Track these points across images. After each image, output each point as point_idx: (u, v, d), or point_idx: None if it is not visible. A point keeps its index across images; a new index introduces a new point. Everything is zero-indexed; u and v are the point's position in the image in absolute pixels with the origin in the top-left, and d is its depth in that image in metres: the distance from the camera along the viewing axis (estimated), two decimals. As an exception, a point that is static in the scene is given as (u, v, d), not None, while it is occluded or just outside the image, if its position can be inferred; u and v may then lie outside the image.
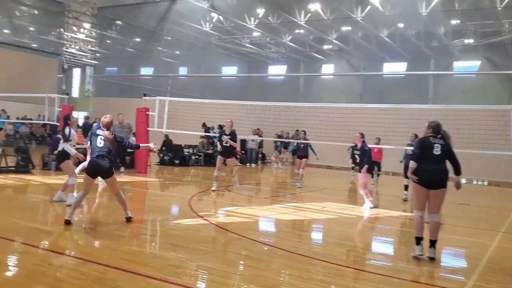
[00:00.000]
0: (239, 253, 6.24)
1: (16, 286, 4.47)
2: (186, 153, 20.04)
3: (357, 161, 10.66)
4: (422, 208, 6.41)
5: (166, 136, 19.39)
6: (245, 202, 11.14)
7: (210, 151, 20.53)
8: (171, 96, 16.74)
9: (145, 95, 16.34)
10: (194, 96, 24.06)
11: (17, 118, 24.73)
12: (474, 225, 9.65)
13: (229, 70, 35.64)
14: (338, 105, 20.33)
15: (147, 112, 15.72)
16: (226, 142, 11.71)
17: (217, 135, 14.51)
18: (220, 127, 22.24)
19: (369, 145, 11.28)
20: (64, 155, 8.78)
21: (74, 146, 9.08)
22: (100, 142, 7.35)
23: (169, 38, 30.86)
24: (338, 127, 16.36)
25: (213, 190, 11.87)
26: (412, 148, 12.03)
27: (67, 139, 8.76)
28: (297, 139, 22.13)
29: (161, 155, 19.44)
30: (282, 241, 7.14)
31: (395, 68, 30.03)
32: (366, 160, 10.39)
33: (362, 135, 10.69)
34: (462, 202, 11.98)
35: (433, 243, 6.25)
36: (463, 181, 14.11)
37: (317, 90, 30.73)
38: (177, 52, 33.20)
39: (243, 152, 23.13)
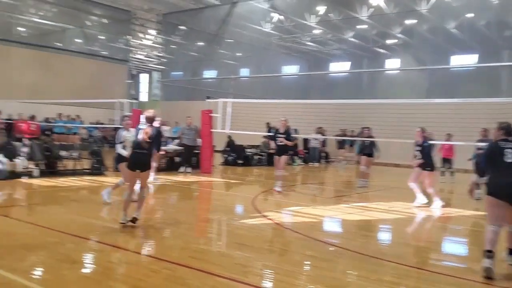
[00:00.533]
0: (304, 253, 6.23)
1: (93, 282, 4.72)
2: (249, 153, 20.25)
3: (417, 158, 10.12)
4: (501, 223, 5.34)
5: (229, 136, 19.71)
6: (310, 201, 11.09)
7: (272, 151, 20.61)
8: (234, 97, 17.01)
9: (208, 97, 16.71)
10: (256, 97, 24.30)
11: (90, 123, 26.11)
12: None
13: (290, 69, 35.59)
14: (403, 101, 19.72)
15: (210, 114, 16.06)
16: (281, 141, 11.50)
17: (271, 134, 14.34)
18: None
19: (439, 142, 10.87)
20: (120, 158, 8.83)
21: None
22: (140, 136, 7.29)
23: (230, 40, 31.36)
24: (404, 124, 15.87)
25: (277, 191, 11.63)
26: (482, 144, 11.52)
27: (118, 142, 8.86)
28: (363, 137, 21.78)
29: (225, 155, 19.80)
30: (349, 242, 7.05)
31: (464, 61, 28.65)
32: (425, 157, 9.91)
33: (423, 130, 10.21)
34: None
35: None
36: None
37: (382, 86, 29.95)
38: (239, 54, 33.65)
39: (305, 151, 23.02)
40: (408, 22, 25.97)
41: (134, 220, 7.07)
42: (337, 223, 8.83)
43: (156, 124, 11.38)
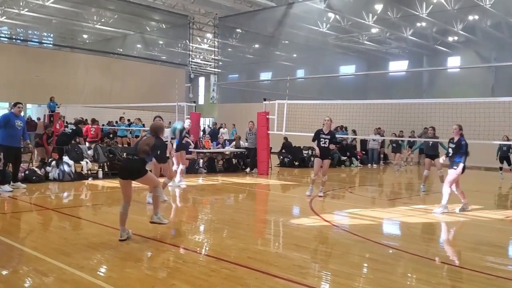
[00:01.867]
0: (363, 256, 6.17)
1: (156, 281, 4.91)
2: (305, 155, 20.20)
3: (450, 155, 9.55)
4: None
5: (285, 138, 19.76)
6: (368, 204, 10.92)
7: (334, 149, 20.44)
8: (290, 99, 17.02)
9: (264, 99, 16.85)
10: (312, 98, 24.21)
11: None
12: None
13: (347, 69, 35.15)
14: (465, 100, 18.96)
15: (267, 116, 16.19)
16: (325, 143, 10.84)
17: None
18: (345, 128, 22.04)
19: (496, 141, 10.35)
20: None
21: None
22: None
23: (286, 42, 31.42)
24: (467, 123, 15.26)
25: (308, 195, 10.96)
26: None
27: None
28: (427, 138, 21.07)
29: (281, 157, 19.88)
30: (409, 244, 6.90)
31: (532, 56, 27.12)
32: (461, 156, 9.44)
33: (460, 127, 9.66)
34: None
35: None
36: None
37: (443, 84, 28.92)
38: (294, 55, 33.64)
39: (363, 152, 22.67)
40: (470, 18, 24.93)
41: (154, 222, 6.78)
42: (397, 225, 8.65)
43: (186, 124, 11.74)
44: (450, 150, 9.63)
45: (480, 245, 7.05)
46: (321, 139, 10.87)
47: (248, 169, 16.58)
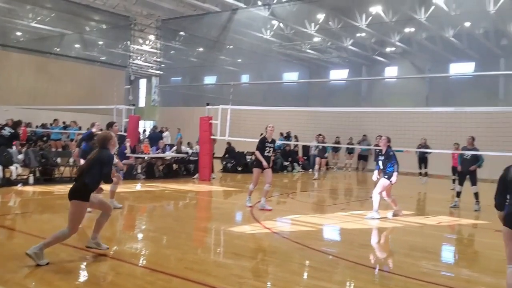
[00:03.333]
0: (302, 263, 6.19)
1: (88, 293, 4.67)
2: (249, 160, 20.20)
3: (381, 168, 9.88)
4: None
5: (229, 143, 19.69)
6: (308, 210, 11.02)
7: (272, 158, 20.56)
8: (234, 104, 17.00)
9: (207, 104, 16.70)
10: (256, 103, 24.28)
11: (88, 129, 26.02)
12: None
13: (291, 76, 35.65)
14: (402, 109, 19.74)
15: (210, 121, 16.04)
16: (269, 152, 10.34)
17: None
18: (281, 134, 22.29)
19: (449, 151, 10.85)
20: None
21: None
22: None
23: (231, 47, 31.39)
24: (402, 132, 15.88)
25: (249, 207, 10.34)
26: (469, 152, 11.53)
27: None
28: (367, 145, 21.81)
29: (224, 162, 19.76)
30: (346, 251, 7.01)
31: (462, 68, 28.74)
32: (392, 165, 9.70)
33: (389, 139, 10.02)
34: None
35: None
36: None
37: (380, 93, 29.99)
38: (239, 60, 33.68)
39: (305, 158, 23.00)
40: (407, 30, 26.01)
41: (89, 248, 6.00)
42: (335, 231, 8.78)
43: (94, 129, 10.47)
44: (380, 164, 9.92)
45: (413, 251, 7.27)
46: (266, 148, 10.39)
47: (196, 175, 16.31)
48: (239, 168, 19.44)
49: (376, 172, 10.08)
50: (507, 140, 13.68)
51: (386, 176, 9.72)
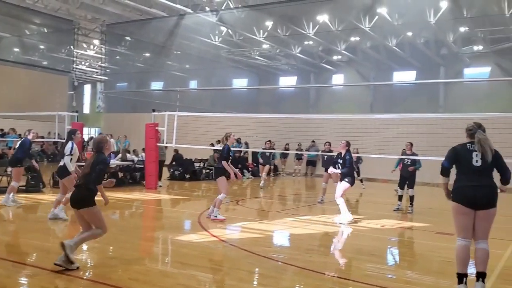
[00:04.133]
0: (250, 271, 6.13)
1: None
2: (197, 167, 20.00)
3: (339, 169, 10.20)
4: (468, 235, 5.10)
5: (176, 150, 19.39)
6: (257, 216, 11.01)
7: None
8: (182, 110, 16.80)
9: (153, 110, 16.37)
10: (205, 109, 24.15)
11: (20, 136, 24.88)
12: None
13: (240, 83, 35.73)
14: (347, 116, 20.24)
15: (156, 128, 15.72)
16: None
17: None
18: (236, 141, 22.22)
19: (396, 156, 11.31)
20: (66, 170, 8.80)
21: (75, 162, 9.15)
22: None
23: (178, 52, 31.07)
24: (349, 138, 16.23)
25: (220, 219, 9.59)
26: (406, 157, 12.01)
27: (67, 154, 8.81)
28: (315, 151, 22.11)
29: (172, 169, 19.43)
30: (294, 257, 7.02)
31: (405, 76, 29.83)
32: (346, 169, 10.05)
33: (348, 143, 10.36)
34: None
35: (481, 276, 4.99)
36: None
37: (328, 100, 30.63)
38: (187, 66, 33.40)
39: (254, 164, 23.02)
40: (352, 39, 26.75)
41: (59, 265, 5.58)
42: (283, 237, 8.81)
43: (30, 136, 10.66)
44: (339, 165, 10.25)
45: (359, 255, 7.39)
46: (230, 157, 10.00)
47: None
48: (187, 176, 19.18)
49: (331, 169, 10.62)
50: (446, 145, 14.27)
51: (346, 180, 9.95)
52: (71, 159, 8.82)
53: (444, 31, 23.39)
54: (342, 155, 10.26)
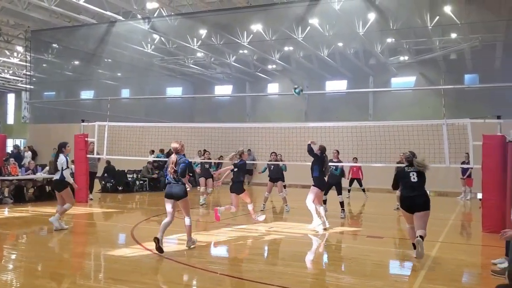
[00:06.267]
0: (186, 284, 5.97)
1: None
2: (130, 179, 19.39)
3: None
4: (411, 223, 7.37)
5: (108, 162, 18.70)
6: (193, 228, 10.71)
7: (155, 176, 19.96)
8: (114, 120, 16.21)
9: (83, 120, 15.71)
10: (138, 119, 23.53)
11: None
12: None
13: (174, 91, 35.24)
14: (282, 124, 20.49)
15: (86, 139, 15.07)
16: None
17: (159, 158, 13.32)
18: (162, 151, 21.84)
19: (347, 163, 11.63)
20: (62, 183, 9.60)
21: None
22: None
23: (109, 60, 30.14)
24: (284, 146, 16.41)
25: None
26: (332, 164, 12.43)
27: (62, 167, 9.52)
28: (251, 159, 22.06)
29: (103, 182, 18.70)
30: (231, 267, 6.95)
31: (336, 85, 30.78)
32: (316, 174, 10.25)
33: (320, 149, 10.56)
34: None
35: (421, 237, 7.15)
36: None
37: (264, 109, 30.94)
38: (119, 74, 32.48)
39: (190, 174, 22.64)
40: (286, 48, 27.21)
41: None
42: (218, 248, 8.67)
43: None
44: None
45: (294, 261, 7.42)
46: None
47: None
48: (120, 188, 18.55)
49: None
50: (376, 151, 14.81)
51: (314, 184, 10.14)
52: (70, 172, 9.80)
53: (372, 42, 24.36)
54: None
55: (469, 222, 12.88)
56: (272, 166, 13.66)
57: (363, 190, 17.75)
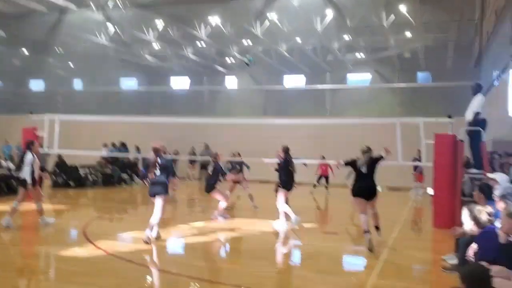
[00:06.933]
0: (140, 285, 5.79)
1: None
2: (82, 174, 18.76)
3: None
4: (364, 212, 7.97)
5: (59, 156, 18.01)
6: (146, 225, 10.41)
7: (108, 171, 19.40)
8: (66, 112, 15.62)
9: (31, 112, 14.96)
10: (91, 111, 22.82)
11: None
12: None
13: (129, 83, 34.47)
14: (240, 120, 20.40)
15: (35, 132, 14.41)
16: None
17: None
18: (123, 145, 21.30)
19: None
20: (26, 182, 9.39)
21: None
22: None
23: (61, 50, 29.04)
24: (242, 142, 16.37)
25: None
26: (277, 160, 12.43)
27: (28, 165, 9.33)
28: (207, 154, 21.66)
29: (54, 177, 17.99)
30: (185, 267, 6.80)
31: (295, 81, 31.02)
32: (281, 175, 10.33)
33: (283, 149, 10.53)
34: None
35: (377, 228, 8.41)
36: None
37: (222, 103, 30.76)
38: (71, 65, 31.40)
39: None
40: (245, 43, 27.10)
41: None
42: (174, 247, 8.49)
43: None
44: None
45: (252, 259, 7.37)
46: None
47: None
48: (72, 183, 17.91)
49: None
50: (333, 146, 15.02)
51: (281, 186, 10.20)
52: (33, 170, 9.38)
53: (330, 39, 24.63)
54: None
55: (421, 218, 13.23)
56: (237, 165, 13.22)
57: (326, 187, 17.79)
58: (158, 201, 8.25)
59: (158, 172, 8.18)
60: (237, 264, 7.29)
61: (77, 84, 33.53)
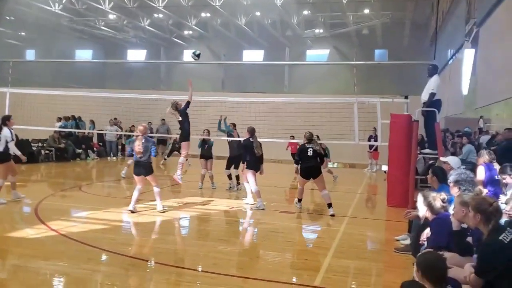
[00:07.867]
0: (93, 269, 5.71)
1: None
2: (35, 149, 18.16)
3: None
4: (302, 186, 9.80)
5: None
6: (102, 204, 10.22)
7: (62, 145, 18.83)
8: (17, 83, 14.93)
9: (-22, 85, 14.29)
10: (45, 84, 21.97)
11: None
12: (324, 211, 9.67)
13: (84, 54, 33.28)
14: (199, 97, 20.06)
15: (-17, 105, 13.78)
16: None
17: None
18: (78, 118, 20.69)
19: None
20: (4, 156, 9.47)
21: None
22: None
23: (12, 18, 27.59)
24: (202, 118, 16.12)
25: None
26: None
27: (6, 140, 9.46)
28: (166, 129, 21.24)
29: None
30: (142, 249, 6.78)
31: (254, 55, 30.82)
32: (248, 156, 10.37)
33: (249, 130, 10.42)
34: (312, 187, 11.57)
35: (329, 205, 9.36)
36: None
37: (179, 76, 30.22)
38: (23, 34, 29.95)
39: (100, 144, 21.71)
40: (203, 15, 26.59)
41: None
42: (129, 228, 8.35)
43: None
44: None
45: (209, 241, 7.40)
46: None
47: None
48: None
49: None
50: (291, 123, 15.11)
51: (247, 167, 10.25)
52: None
53: (290, 13, 24.51)
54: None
55: (375, 196, 13.59)
56: (206, 145, 12.95)
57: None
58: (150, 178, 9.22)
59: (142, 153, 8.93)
60: (193, 246, 7.29)
61: (30, 55, 32.05)
